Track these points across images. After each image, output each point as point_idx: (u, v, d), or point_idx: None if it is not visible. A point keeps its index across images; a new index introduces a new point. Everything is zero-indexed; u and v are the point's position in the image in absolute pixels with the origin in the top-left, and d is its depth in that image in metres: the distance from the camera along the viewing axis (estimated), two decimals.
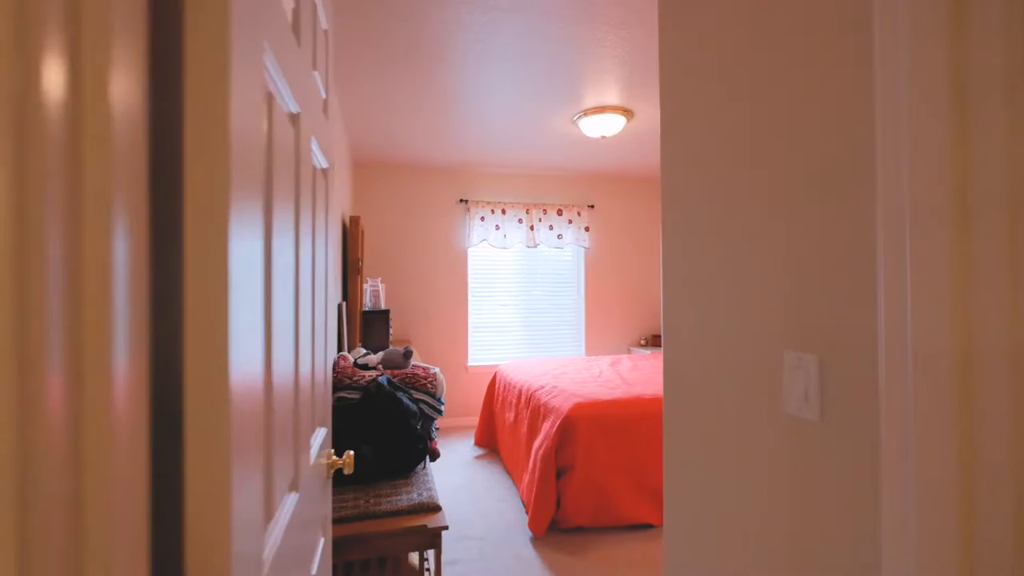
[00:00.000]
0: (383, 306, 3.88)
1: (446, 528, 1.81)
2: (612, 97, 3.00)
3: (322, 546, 1.02)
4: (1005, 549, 0.52)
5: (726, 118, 0.98)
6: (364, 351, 2.97)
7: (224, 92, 0.41)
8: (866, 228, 0.68)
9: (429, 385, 2.42)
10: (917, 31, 0.57)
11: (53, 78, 0.28)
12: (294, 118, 0.74)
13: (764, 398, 0.88)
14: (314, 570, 0.91)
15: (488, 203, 4.66)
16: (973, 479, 0.54)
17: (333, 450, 1.16)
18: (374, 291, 3.82)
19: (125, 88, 0.33)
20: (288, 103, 0.70)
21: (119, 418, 0.32)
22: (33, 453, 0.26)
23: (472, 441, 4.13)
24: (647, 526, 2.61)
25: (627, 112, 3.20)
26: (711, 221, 1.03)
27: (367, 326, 3.54)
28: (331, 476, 1.10)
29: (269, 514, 0.58)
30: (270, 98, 0.59)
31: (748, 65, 0.92)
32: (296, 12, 0.75)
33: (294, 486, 0.73)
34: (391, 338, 3.80)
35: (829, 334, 0.75)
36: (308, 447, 0.87)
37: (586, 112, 3.20)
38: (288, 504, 0.68)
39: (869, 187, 0.68)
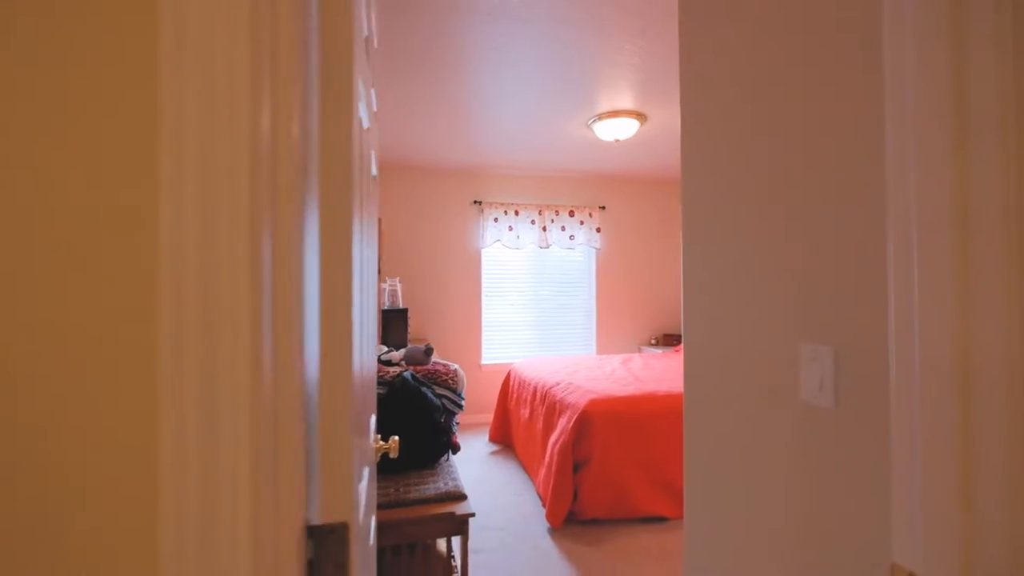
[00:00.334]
0: (401, 305, 3.98)
1: (473, 515, 1.90)
2: (626, 102, 3.08)
3: (374, 523, 1.11)
4: (1003, 547, 0.55)
5: (740, 120, 1.06)
6: (386, 348, 3.07)
7: (348, 133, 0.51)
8: (875, 228, 0.75)
9: (450, 381, 2.51)
10: (920, 33, 0.59)
11: (265, 119, 0.37)
12: (365, 134, 0.83)
13: (782, 387, 0.96)
14: (371, 542, 1.01)
15: (502, 204, 4.76)
16: (973, 478, 0.57)
17: (380, 435, 1.26)
18: (392, 291, 3.92)
19: (296, 127, 0.43)
20: (364, 121, 0.79)
21: (295, 381, 0.42)
22: (257, 397, 0.35)
23: (487, 437, 4.23)
24: (661, 519, 2.69)
25: (641, 116, 3.28)
26: (729, 220, 1.11)
27: (386, 324, 3.64)
28: (378, 459, 1.20)
29: (359, 476, 0.68)
30: (360, 122, 0.69)
31: (756, 68, 0.99)
32: (368, 40, 0.85)
33: (367, 460, 0.82)
34: (409, 336, 3.90)
35: (843, 327, 0.82)
36: (368, 429, 0.96)
37: (600, 116, 3.28)
38: (365, 474, 0.78)
39: (877, 189, 0.74)
